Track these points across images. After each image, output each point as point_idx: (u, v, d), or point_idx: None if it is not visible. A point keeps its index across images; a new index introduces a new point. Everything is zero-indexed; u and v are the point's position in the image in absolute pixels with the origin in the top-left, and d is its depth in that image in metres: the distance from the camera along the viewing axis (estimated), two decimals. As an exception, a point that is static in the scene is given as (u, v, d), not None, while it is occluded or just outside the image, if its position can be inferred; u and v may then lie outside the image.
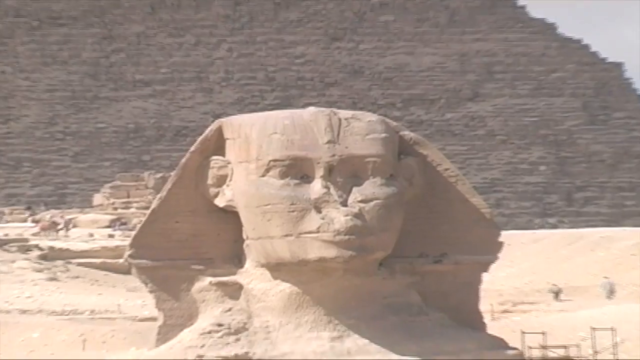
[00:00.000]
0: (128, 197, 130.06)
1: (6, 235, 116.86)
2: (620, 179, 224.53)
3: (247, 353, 29.80)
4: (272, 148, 29.10)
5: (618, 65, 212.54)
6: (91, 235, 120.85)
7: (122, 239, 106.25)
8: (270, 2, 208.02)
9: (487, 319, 33.09)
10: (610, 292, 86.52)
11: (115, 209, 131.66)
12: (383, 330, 30.36)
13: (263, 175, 28.88)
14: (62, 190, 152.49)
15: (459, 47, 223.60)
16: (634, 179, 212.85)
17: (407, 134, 30.69)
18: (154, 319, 33.77)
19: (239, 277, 30.16)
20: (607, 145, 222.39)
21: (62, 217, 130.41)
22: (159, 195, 31.80)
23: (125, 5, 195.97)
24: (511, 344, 32.37)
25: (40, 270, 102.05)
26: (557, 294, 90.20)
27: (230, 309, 30.36)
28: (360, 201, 28.71)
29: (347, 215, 28.45)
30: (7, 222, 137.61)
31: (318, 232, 28.49)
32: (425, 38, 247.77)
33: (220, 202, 29.56)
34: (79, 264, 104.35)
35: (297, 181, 28.74)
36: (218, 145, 29.92)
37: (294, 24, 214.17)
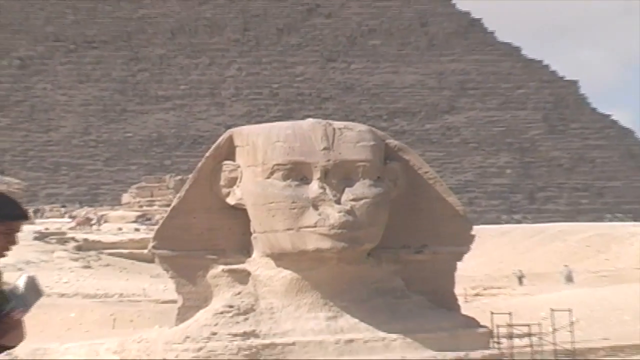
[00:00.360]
0: (152, 196, 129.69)
1: (47, 229, 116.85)
2: (576, 180, 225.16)
3: (254, 331, 30.08)
4: (276, 154, 29.34)
5: (574, 83, 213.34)
6: (120, 229, 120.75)
7: (146, 233, 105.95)
8: (273, 28, 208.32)
9: (461, 301, 33.23)
10: (568, 278, 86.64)
11: (141, 206, 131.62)
12: (371, 311, 30.65)
13: (268, 178, 29.14)
14: (94, 191, 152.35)
15: (437, 67, 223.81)
16: (588, 181, 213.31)
17: (392, 141, 30.95)
18: (174, 302, 33.63)
19: (248, 265, 30.33)
20: (564, 152, 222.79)
21: (94, 213, 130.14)
22: (178, 195, 32.17)
23: (149, 31, 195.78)
24: (482, 323, 32.75)
25: (76, 260, 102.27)
26: (521, 279, 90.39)
27: (239, 293, 30.54)
28: (352, 200, 28.92)
29: (340, 212, 28.68)
30: (48, 218, 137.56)
31: (315, 226, 28.66)
32: (408, 59, 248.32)
33: (231, 200, 29.79)
34: (109, 254, 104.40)
35: (297, 182, 28.98)
36: (229, 151, 30.17)
37: (294, 47, 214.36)
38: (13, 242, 10.52)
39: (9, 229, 10.15)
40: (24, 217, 10.42)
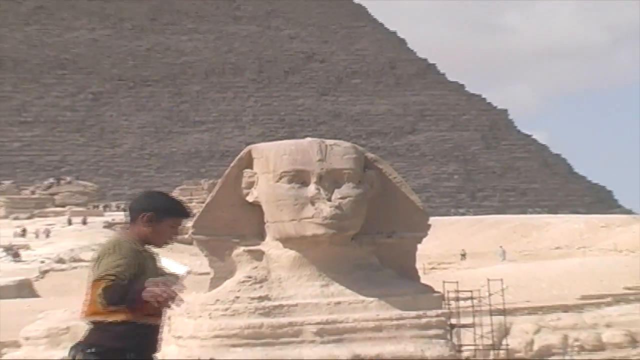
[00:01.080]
0: (190, 195, 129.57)
1: (113, 219, 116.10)
2: (505, 184, 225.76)
3: (267, 295, 30.68)
4: (283, 164, 29.95)
5: (504, 111, 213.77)
6: None
7: (187, 224, 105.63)
8: (281, 71, 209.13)
9: (420, 273, 33.58)
10: (502, 256, 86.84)
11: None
12: (354, 281, 31.25)
13: (277, 181, 29.97)
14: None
15: (402, 99, 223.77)
16: (515, 184, 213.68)
17: (369, 155, 32.10)
18: (207, 274, 33.90)
19: (262, 247, 30.88)
20: (497, 162, 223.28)
21: None
22: (210, 194, 33.49)
23: (189, 73, 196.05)
24: (436, 290, 33.42)
25: None
26: (464, 256, 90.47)
27: (256, 267, 30.96)
28: (340, 198, 29.68)
29: (331, 207, 29.55)
30: (113, 211, 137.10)
31: (312, 217, 29.53)
32: (381, 94, 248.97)
33: (250, 198, 30.46)
34: None
35: (299, 185, 29.81)
36: (248, 162, 30.98)
37: (296, 85, 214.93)
38: (176, 235, 9.94)
39: (177, 224, 9.62)
40: (189, 215, 10.05)
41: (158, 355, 9.12)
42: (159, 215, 9.22)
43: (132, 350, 8.51)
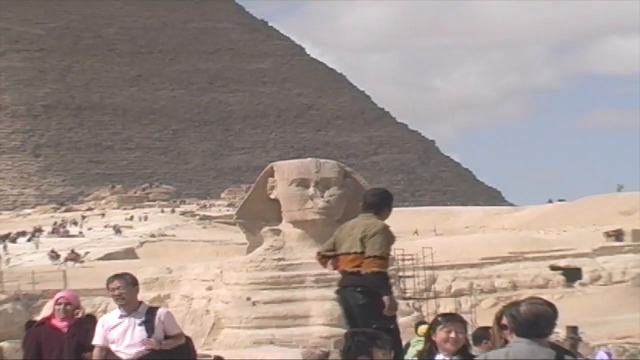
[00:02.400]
0: (234, 195, 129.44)
1: (185, 209, 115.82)
2: (433, 187, 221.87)
3: (282, 257, 30.49)
4: (292, 174, 30.05)
5: (433, 141, 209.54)
6: (220, 210, 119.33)
7: (233, 212, 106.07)
8: (291, 116, 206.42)
9: None
10: (435, 232, 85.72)
11: (231, 203, 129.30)
12: None
13: (289, 185, 29.95)
14: (209, 193, 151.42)
15: (368, 134, 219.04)
16: (439, 187, 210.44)
17: (347, 168, 32.23)
18: (244, 244, 34.05)
19: (280, 227, 30.74)
20: (428, 173, 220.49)
21: (209, 204, 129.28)
22: (247, 194, 33.85)
23: (233, 116, 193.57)
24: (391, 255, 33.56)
25: (199, 224, 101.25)
26: (416, 233, 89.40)
27: (276, 240, 30.81)
28: (329, 196, 29.75)
29: (323, 202, 29.57)
30: (186, 205, 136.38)
31: (311, 208, 29.35)
32: (355, 130, 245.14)
33: (272, 196, 30.29)
34: (216, 222, 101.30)
35: (302, 188, 29.79)
36: (271, 173, 30.96)
37: (301, 124, 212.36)
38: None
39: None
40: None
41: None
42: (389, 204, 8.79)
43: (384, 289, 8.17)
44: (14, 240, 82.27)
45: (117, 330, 7.15)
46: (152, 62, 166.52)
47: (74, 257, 66.46)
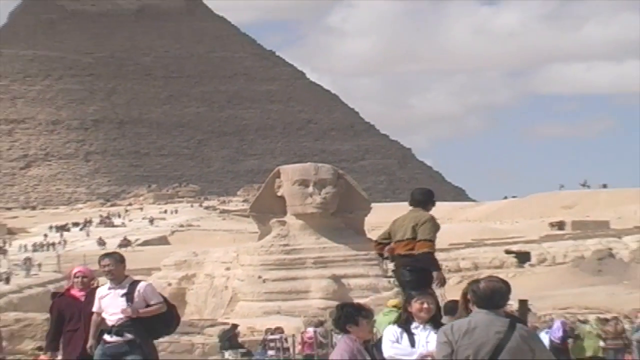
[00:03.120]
0: (248, 193, 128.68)
1: (208, 205, 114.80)
2: (410, 187, 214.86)
3: (287, 243, 30.59)
4: (295, 175, 30.10)
5: (409, 149, 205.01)
6: (236, 205, 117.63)
7: (247, 207, 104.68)
8: (295, 128, 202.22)
9: (368, 234, 33.20)
10: None
11: (245, 198, 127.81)
12: (331, 236, 30.97)
13: (292, 185, 30.09)
14: (228, 190, 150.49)
15: (357, 143, 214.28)
16: (414, 186, 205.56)
17: (340, 171, 32.34)
18: (256, 232, 33.97)
19: (286, 218, 30.79)
20: (405, 175, 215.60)
21: (227, 200, 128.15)
22: (259, 192, 34.17)
23: (248, 129, 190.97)
24: (373, 240, 33.47)
25: (220, 216, 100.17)
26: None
27: (282, 229, 30.84)
28: (325, 193, 29.88)
29: (320, 198, 29.64)
30: (209, 201, 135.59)
31: (311, 203, 29.64)
32: (346, 140, 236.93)
33: (279, 193, 30.49)
34: (234, 214, 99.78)
35: (304, 187, 29.94)
36: (278, 175, 31.13)
37: (303, 135, 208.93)
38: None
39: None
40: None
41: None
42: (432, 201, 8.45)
43: (433, 266, 7.92)
44: (68, 230, 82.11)
45: (106, 299, 7.11)
46: (181, 85, 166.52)
47: (126, 242, 66.41)
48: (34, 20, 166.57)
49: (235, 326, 21.37)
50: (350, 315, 5.92)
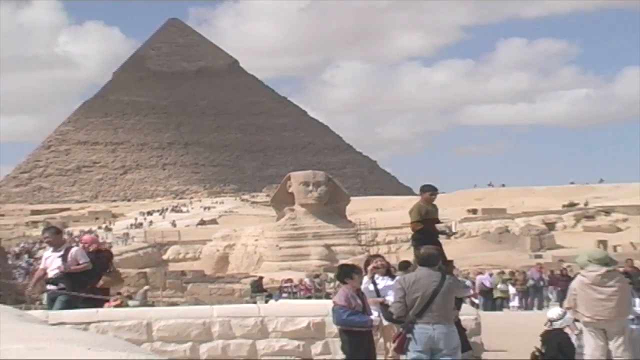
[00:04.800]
0: (269, 192, 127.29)
1: (245, 198, 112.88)
2: (375, 187, 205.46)
3: (295, 224, 30.16)
4: (300, 179, 29.59)
5: (375, 161, 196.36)
6: (262, 198, 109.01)
7: (269, 200, 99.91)
8: (299, 148, 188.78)
9: (348, 217, 32.57)
10: (379, 211, 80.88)
11: (267, 195, 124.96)
12: (326, 219, 30.55)
13: (298, 185, 29.45)
14: (255, 190, 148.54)
15: (342, 158, 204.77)
16: (379, 187, 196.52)
17: (329, 175, 31.60)
18: (274, 216, 33.61)
19: (294, 207, 30.25)
20: (374, 178, 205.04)
21: (256, 195, 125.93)
22: (276, 190, 33.23)
23: (270, 148, 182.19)
24: (352, 221, 32.38)
25: (253, 207, 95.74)
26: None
27: (292, 214, 30.41)
28: (320, 191, 29.17)
29: (317, 194, 28.95)
30: (251, 198, 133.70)
31: (310, 197, 28.87)
32: (334, 156, 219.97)
33: (289, 190, 29.99)
34: (261, 205, 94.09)
35: (305, 186, 29.31)
36: (289, 178, 30.33)
37: (304, 154, 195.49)
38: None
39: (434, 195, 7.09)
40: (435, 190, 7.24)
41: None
42: (425, 191, 7.26)
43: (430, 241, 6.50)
44: (151, 214, 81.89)
45: (49, 260, 6.81)
46: (225, 120, 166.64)
47: (202, 222, 66.06)
48: (129, 77, 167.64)
49: (261, 278, 21.35)
50: (347, 272, 5.75)
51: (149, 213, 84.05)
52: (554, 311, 6.09)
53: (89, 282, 6.81)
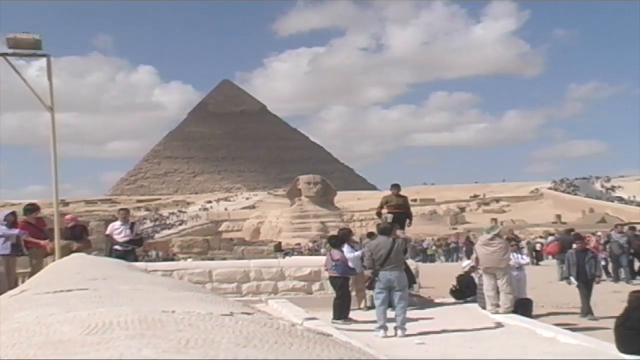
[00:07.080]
0: (284, 190, 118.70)
1: (270, 192, 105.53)
2: (355, 186, 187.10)
3: (301, 208, 28.94)
4: (304, 180, 28.82)
5: (352, 169, 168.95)
6: (281, 192, 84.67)
7: (285, 193, 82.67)
8: (304, 162, 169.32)
9: (336, 204, 31.28)
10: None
11: (284, 190, 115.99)
12: (322, 205, 29.31)
13: (304, 184, 28.47)
14: (277, 187, 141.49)
15: (329, 167, 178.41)
16: (357, 189, 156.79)
17: (323, 178, 30.53)
18: (289, 204, 32.31)
19: (302, 198, 29.48)
20: (353, 184, 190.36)
21: (277, 190, 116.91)
22: (289, 187, 31.92)
23: (285, 161, 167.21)
24: (340, 208, 30.93)
25: (276, 197, 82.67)
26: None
27: (299, 202, 29.57)
28: (317, 188, 28.35)
29: (315, 189, 28.09)
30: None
31: (311, 191, 27.74)
32: (325, 167, 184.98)
33: (298, 187, 28.89)
34: (281, 197, 73.46)
35: (308, 184, 28.41)
36: (298, 179, 29.41)
37: (305, 163, 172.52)
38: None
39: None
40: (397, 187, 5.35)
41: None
42: (391, 188, 5.90)
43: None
44: (210, 202, 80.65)
45: (117, 230, 6.02)
46: (257, 143, 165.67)
47: (250, 206, 63.04)
48: (197, 116, 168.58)
49: (280, 243, 21.31)
50: (345, 236, 5.59)
51: (209, 202, 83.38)
52: (465, 263, 6.73)
53: (140, 243, 6.41)
